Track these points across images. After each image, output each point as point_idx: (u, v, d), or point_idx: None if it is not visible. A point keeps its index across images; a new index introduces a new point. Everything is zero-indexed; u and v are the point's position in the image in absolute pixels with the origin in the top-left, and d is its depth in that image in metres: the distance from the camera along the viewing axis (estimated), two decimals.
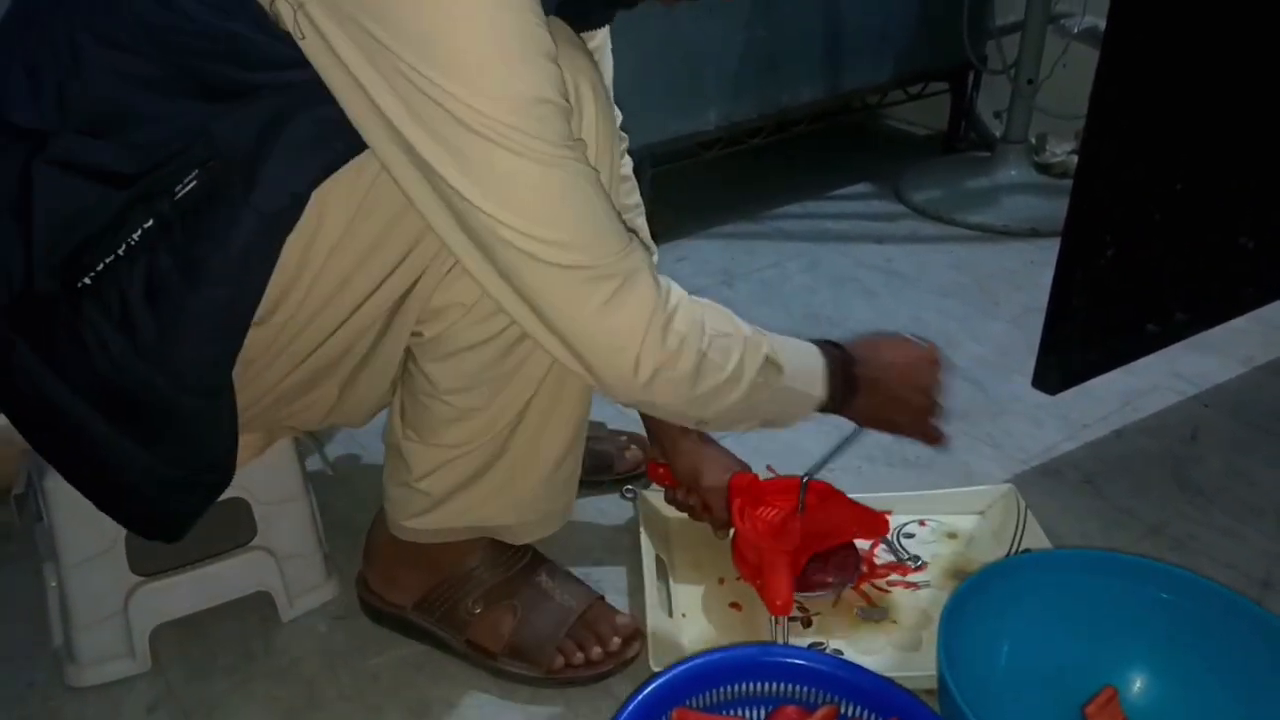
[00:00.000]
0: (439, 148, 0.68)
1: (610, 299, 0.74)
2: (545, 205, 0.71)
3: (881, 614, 1.02)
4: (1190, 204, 1.18)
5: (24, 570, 1.08)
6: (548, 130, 0.69)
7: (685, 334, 0.78)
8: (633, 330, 0.75)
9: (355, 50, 0.67)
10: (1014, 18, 2.04)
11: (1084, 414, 1.36)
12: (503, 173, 0.69)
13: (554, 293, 0.74)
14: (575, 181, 0.72)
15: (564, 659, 0.96)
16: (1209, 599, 0.86)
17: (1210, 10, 1.09)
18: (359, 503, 1.15)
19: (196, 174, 0.72)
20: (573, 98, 0.77)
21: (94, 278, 0.73)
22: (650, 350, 0.76)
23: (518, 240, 0.71)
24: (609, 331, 0.75)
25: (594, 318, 0.74)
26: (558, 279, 0.73)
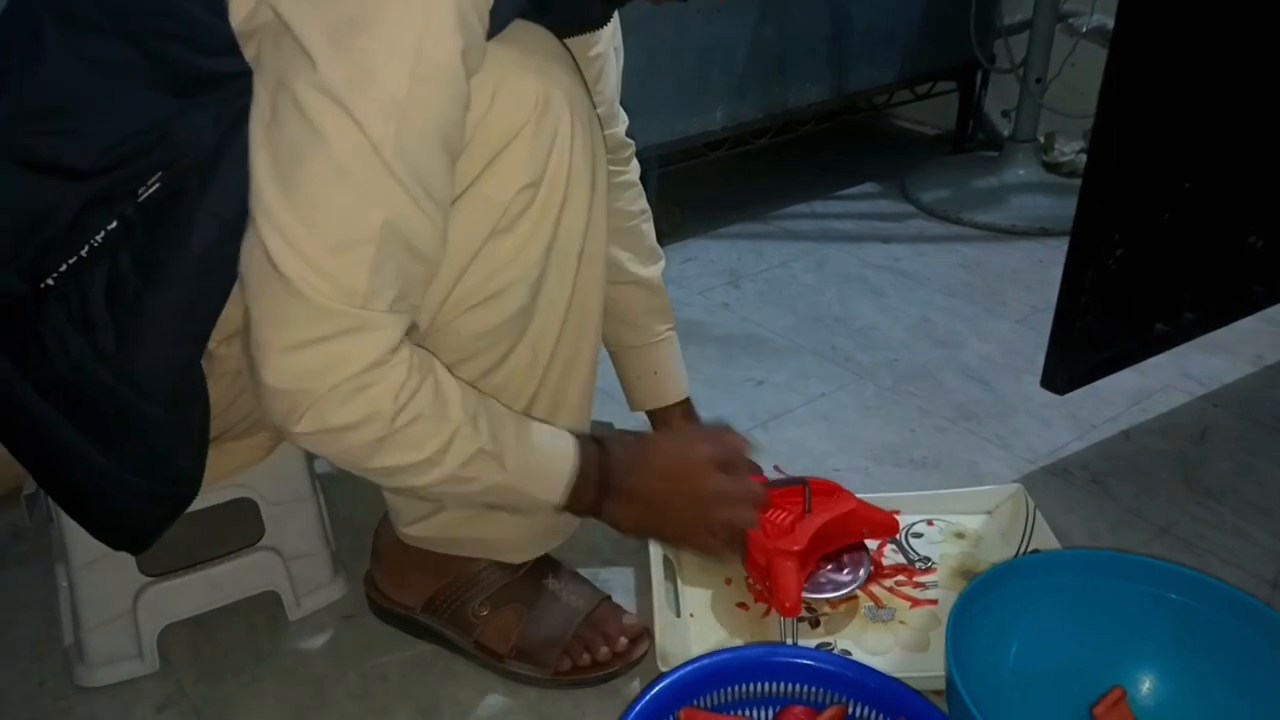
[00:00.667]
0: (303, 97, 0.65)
1: (314, 341, 0.68)
2: (338, 214, 0.66)
3: (889, 614, 1.02)
4: (1199, 203, 1.18)
5: (35, 570, 1.09)
6: (412, 160, 0.66)
7: (370, 412, 0.71)
8: (314, 380, 0.69)
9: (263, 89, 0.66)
10: (1022, 16, 2.04)
11: (1093, 414, 1.36)
12: (321, 171, 0.65)
13: (277, 302, 0.68)
14: (389, 226, 0.67)
15: (571, 660, 0.96)
16: (1218, 599, 0.86)
17: (1219, 8, 1.08)
18: (366, 502, 1.15)
19: (160, 176, 0.71)
20: (539, 108, 0.76)
21: (57, 279, 0.73)
22: (320, 408, 0.69)
23: (276, 242, 0.66)
24: (290, 369, 0.68)
25: (286, 348, 0.68)
26: (289, 297, 0.67)
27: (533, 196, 0.79)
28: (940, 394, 1.42)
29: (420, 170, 0.67)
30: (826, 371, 1.47)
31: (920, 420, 1.36)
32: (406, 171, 0.67)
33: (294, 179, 0.65)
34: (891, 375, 1.46)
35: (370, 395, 0.70)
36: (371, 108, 0.64)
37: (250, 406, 0.84)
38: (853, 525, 1.03)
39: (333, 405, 0.70)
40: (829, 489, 1.01)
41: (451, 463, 0.75)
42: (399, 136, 0.65)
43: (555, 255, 0.82)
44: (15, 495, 1.12)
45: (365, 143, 0.65)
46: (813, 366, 1.49)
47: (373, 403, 0.70)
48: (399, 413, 0.71)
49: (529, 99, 0.76)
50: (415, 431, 0.73)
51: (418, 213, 0.69)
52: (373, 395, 0.70)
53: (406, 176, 0.67)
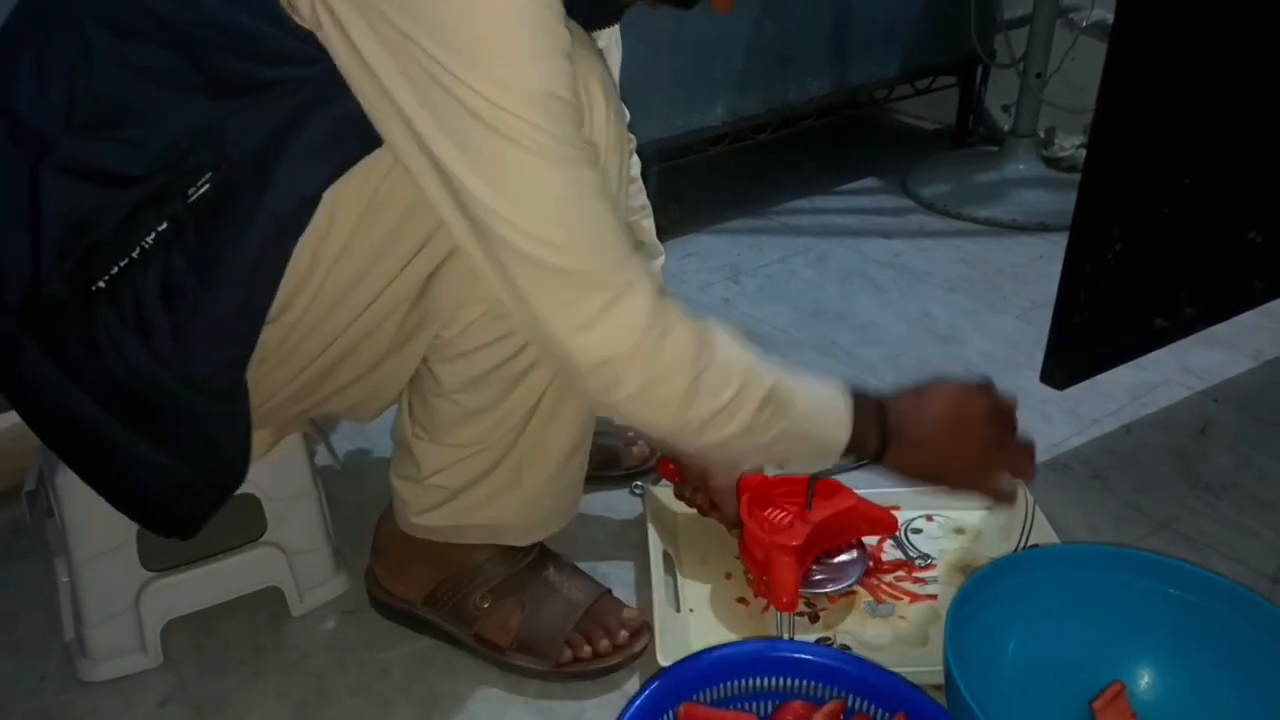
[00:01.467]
0: (447, 138, 0.68)
1: (601, 310, 0.72)
2: (547, 203, 0.70)
3: (889, 609, 1.02)
4: (1199, 198, 1.18)
5: (36, 565, 1.09)
6: (558, 127, 0.69)
7: (677, 355, 0.75)
8: (619, 344, 0.73)
9: (372, 38, 0.67)
10: (1022, 11, 2.03)
11: (1093, 409, 1.36)
12: (509, 166, 0.69)
13: (544, 295, 0.72)
14: (580, 183, 0.71)
15: (572, 653, 0.97)
16: (1217, 594, 0.86)
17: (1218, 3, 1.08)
18: (368, 497, 1.15)
19: (209, 176, 0.72)
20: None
21: (108, 281, 0.73)
22: (635, 367, 0.74)
23: (515, 237, 0.70)
24: (595, 343, 0.73)
25: (581, 327, 0.72)
26: (549, 282, 0.72)
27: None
28: None
29: (575, 130, 0.71)
30: (827, 367, 1.47)
31: None
32: (572, 142, 0.70)
33: (503, 180, 0.69)
34: (892, 371, 1.47)
35: (669, 341, 0.74)
36: (527, 98, 0.67)
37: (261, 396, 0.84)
38: (852, 522, 1.03)
39: (641, 361, 0.74)
40: (830, 486, 1.02)
41: (749, 407, 0.78)
42: (556, 115, 0.68)
43: None
44: (16, 491, 1.12)
45: (541, 134, 0.68)
46: (813, 362, 1.49)
47: (673, 346, 0.75)
48: (698, 356, 0.76)
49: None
50: (716, 375, 0.77)
51: (592, 165, 0.72)
52: (671, 341, 0.75)
53: (574, 145, 0.70)
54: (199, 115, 0.71)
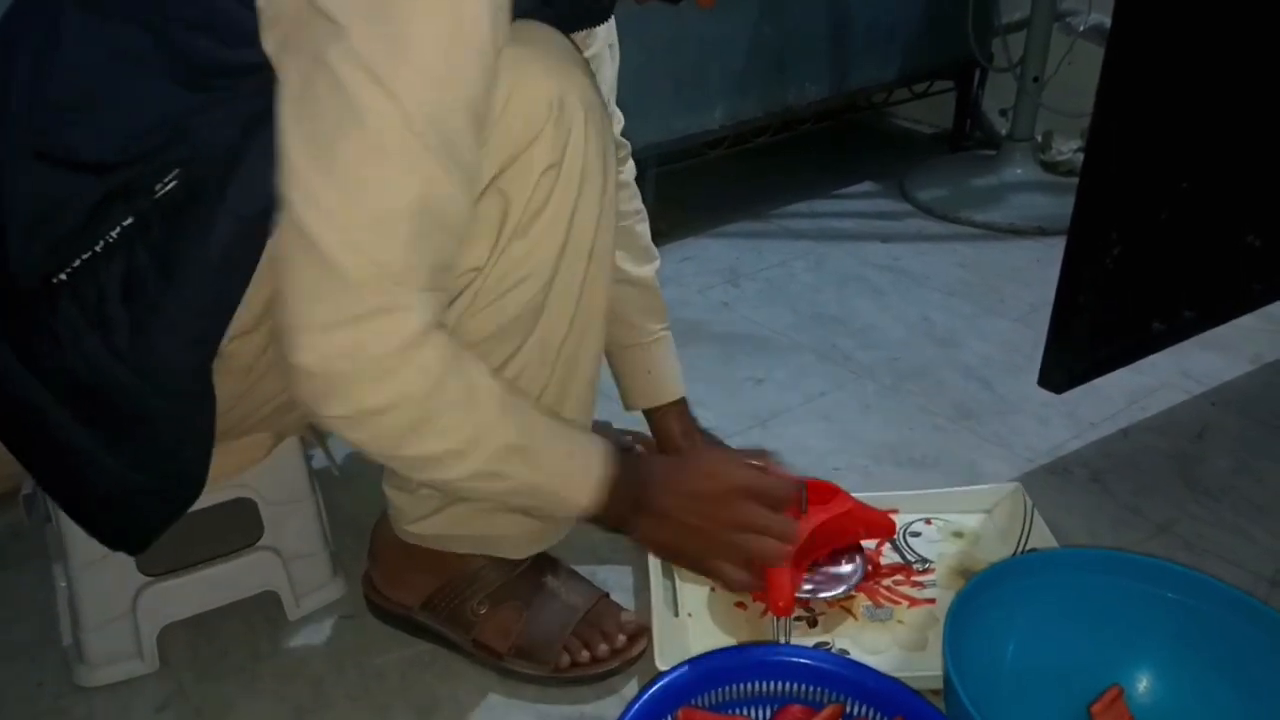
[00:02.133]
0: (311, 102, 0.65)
1: (354, 318, 0.67)
2: (373, 193, 0.66)
3: (887, 614, 1.02)
4: (1197, 202, 1.18)
5: (33, 570, 1.09)
6: (449, 136, 0.66)
7: (411, 389, 0.70)
8: (352, 358, 0.68)
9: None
10: (1019, 15, 2.04)
11: (1091, 412, 1.36)
12: (358, 146, 0.65)
13: (308, 278, 0.67)
14: (425, 201, 0.67)
15: (570, 657, 0.96)
16: (1216, 598, 0.86)
17: (1216, 7, 1.08)
18: (365, 501, 1.15)
19: (177, 173, 0.71)
20: (554, 110, 0.76)
21: (70, 273, 0.72)
22: (360, 388, 0.69)
23: (311, 215, 0.66)
24: (328, 347, 0.68)
25: (323, 325, 0.67)
26: (317, 271, 0.67)
27: (548, 197, 0.79)
28: (939, 393, 1.42)
29: (453, 143, 0.67)
30: (826, 370, 1.48)
31: (919, 419, 1.36)
32: (440, 145, 0.66)
33: (330, 153, 0.65)
34: (891, 374, 1.47)
35: (403, 377, 0.69)
36: (407, 80, 0.64)
37: (254, 405, 0.84)
38: (850, 527, 1.03)
39: (365, 386, 0.69)
40: (827, 490, 1.01)
41: (481, 455, 0.74)
42: (434, 109, 0.65)
43: (567, 253, 0.83)
44: (13, 495, 1.12)
45: (400, 116, 0.64)
46: (812, 365, 1.49)
47: (405, 385, 0.70)
48: (429, 397, 0.71)
49: (544, 101, 0.76)
50: (446, 420, 0.72)
51: (451, 186, 0.68)
52: (405, 378, 0.69)
53: (440, 150, 0.66)
54: (169, 104, 0.71)
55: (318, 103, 0.65)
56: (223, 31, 0.69)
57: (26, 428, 0.79)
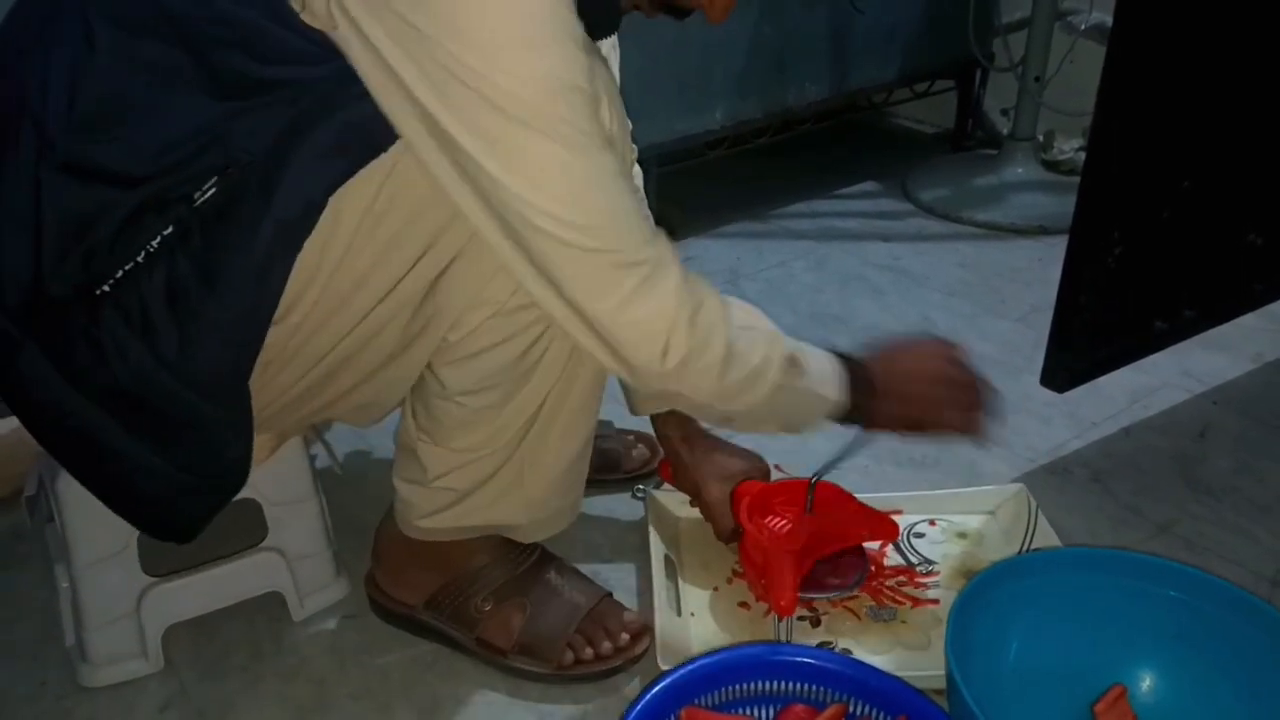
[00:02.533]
0: (470, 132, 0.69)
1: (639, 285, 0.75)
2: (573, 188, 0.72)
3: (891, 613, 1.02)
4: (1198, 201, 1.18)
5: (36, 570, 1.09)
6: (578, 116, 0.70)
7: (713, 323, 0.79)
8: (662, 316, 0.76)
9: (388, 37, 0.67)
10: (1021, 14, 2.04)
11: (1093, 412, 1.36)
12: (533, 155, 0.70)
13: (582, 278, 0.74)
14: (602, 168, 0.73)
15: (573, 655, 0.97)
16: (1218, 597, 0.86)
17: (1217, 6, 1.09)
18: (368, 501, 1.15)
19: (215, 180, 0.72)
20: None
21: (113, 285, 0.73)
22: (679, 337, 0.77)
23: (547, 224, 0.72)
24: (639, 317, 0.76)
25: (623, 304, 0.75)
26: (586, 264, 0.74)
27: None
28: None
29: (591, 119, 0.72)
30: None
31: None
32: (596, 133, 0.72)
33: (532, 174, 0.70)
34: None
35: (701, 314, 0.78)
36: (546, 94, 0.69)
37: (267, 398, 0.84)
38: (853, 528, 1.03)
39: (682, 331, 0.77)
40: (830, 491, 1.02)
41: (774, 368, 0.83)
42: (575, 107, 0.70)
43: None
44: (17, 497, 1.12)
45: (566, 126, 0.70)
46: None
47: (708, 318, 0.78)
48: (730, 321, 0.80)
49: None
50: (745, 340, 0.82)
51: (613, 154, 0.74)
52: (705, 313, 0.78)
53: (598, 139, 0.72)
54: (201, 116, 0.71)
55: (481, 126, 0.69)
56: (256, 50, 0.70)
57: (69, 435, 0.79)
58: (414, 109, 0.69)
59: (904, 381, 0.94)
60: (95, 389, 0.75)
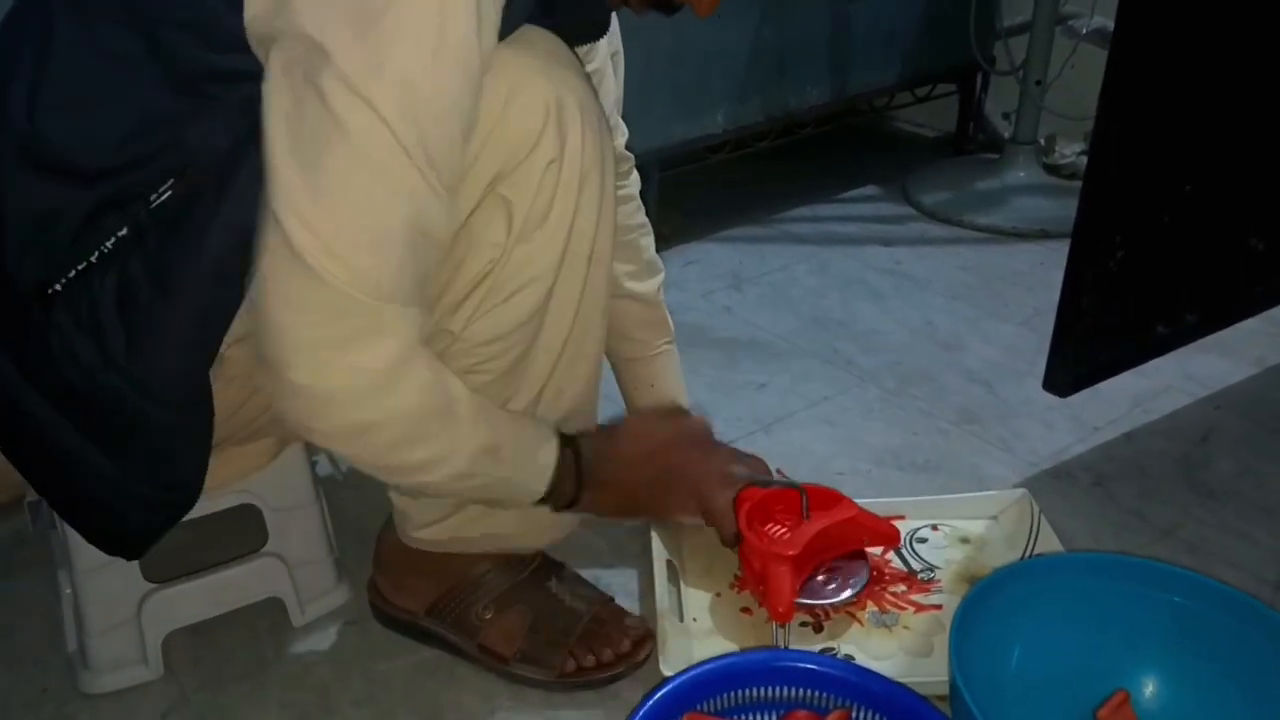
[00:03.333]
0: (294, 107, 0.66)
1: (348, 339, 0.69)
2: (357, 216, 0.67)
3: (893, 619, 1.02)
4: (1200, 205, 1.18)
5: (38, 576, 1.09)
6: (418, 149, 0.66)
7: (401, 408, 0.72)
8: (349, 378, 0.70)
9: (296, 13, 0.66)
10: (1022, 19, 2.04)
11: (1095, 416, 1.36)
12: (336, 161, 0.66)
13: (299, 302, 0.68)
14: (408, 214, 0.68)
15: (575, 662, 0.96)
16: (1221, 601, 0.86)
17: (1219, 11, 1.09)
18: (369, 507, 1.15)
19: (171, 183, 0.72)
20: (552, 113, 0.76)
21: (65, 284, 0.73)
22: (353, 407, 0.71)
23: (301, 234, 0.66)
24: (325, 369, 0.69)
25: (320, 346, 0.69)
26: (311, 291, 0.67)
27: (550, 201, 0.80)
28: (942, 397, 1.42)
29: (437, 155, 0.68)
30: (828, 375, 1.47)
31: (922, 423, 1.36)
32: (424, 159, 0.67)
33: (315, 168, 0.66)
34: (894, 378, 1.46)
35: (395, 394, 0.72)
36: (390, 93, 0.65)
37: (257, 410, 0.84)
38: (852, 533, 1.03)
39: (359, 403, 0.71)
40: (830, 496, 1.01)
41: (460, 459, 0.77)
42: (417, 122, 0.66)
43: (568, 258, 0.83)
44: (19, 502, 1.12)
45: (385, 130, 0.65)
46: (815, 370, 1.49)
47: (397, 401, 0.72)
48: (417, 412, 0.73)
49: (541, 106, 0.76)
50: (431, 429, 0.75)
51: (434, 199, 0.69)
52: (397, 394, 0.72)
53: (424, 164, 0.67)
54: (155, 104, 0.71)
55: (305, 118, 0.66)
56: (210, 34, 0.69)
57: (24, 436, 0.79)
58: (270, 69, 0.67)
59: (619, 468, 0.89)
60: (49, 388, 0.75)
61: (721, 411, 1.39)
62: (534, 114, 0.76)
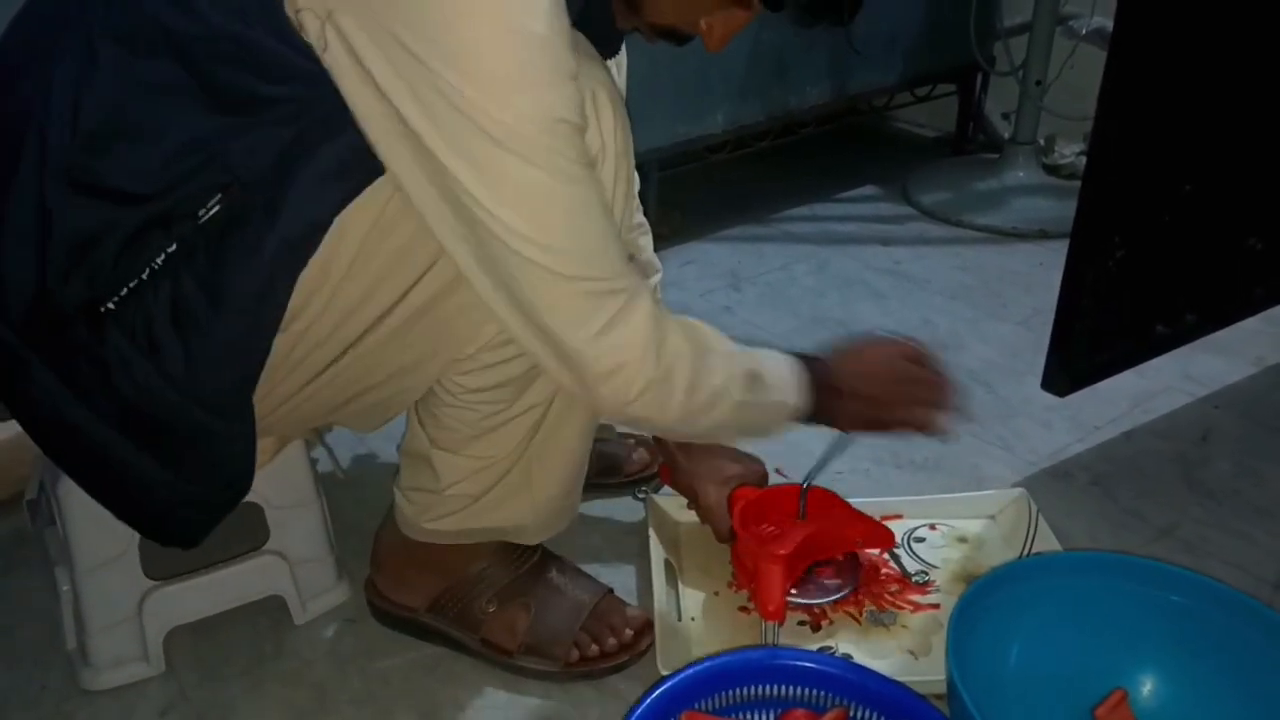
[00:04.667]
0: (458, 156, 0.69)
1: (613, 315, 0.75)
2: (556, 215, 0.72)
3: (891, 618, 1.02)
4: (1199, 205, 1.18)
5: (37, 574, 1.09)
6: (565, 147, 0.71)
7: (678, 353, 0.79)
8: (631, 347, 0.77)
9: (383, 61, 0.67)
10: (1022, 19, 2.04)
11: (1094, 416, 1.36)
12: (518, 181, 0.70)
13: (558, 304, 0.74)
14: (586, 198, 0.73)
15: (579, 652, 0.97)
16: (1219, 601, 0.86)
17: (1217, 11, 1.09)
18: (369, 505, 1.15)
19: (219, 198, 0.72)
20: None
21: (118, 302, 0.73)
22: (646, 368, 0.77)
23: (526, 248, 0.71)
24: (608, 349, 0.76)
25: (595, 333, 0.75)
26: (562, 290, 0.74)
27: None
28: None
29: (577, 147, 0.72)
30: None
31: None
32: (578, 157, 0.72)
33: (516, 197, 0.71)
34: None
35: (670, 342, 0.79)
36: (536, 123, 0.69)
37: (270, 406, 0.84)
38: (847, 534, 1.03)
39: (650, 362, 0.77)
40: (823, 497, 1.02)
41: (736, 388, 0.83)
42: (561, 137, 0.70)
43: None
44: (18, 500, 1.13)
45: (550, 155, 0.70)
46: None
47: (674, 345, 0.79)
48: (689, 351, 0.80)
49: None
50: (705, 364, 0.82)
51: (588, 173, 0.74)
52: (671, 341, 0.79)
53: (581, 161, 0.72)
54: (201, 130, 0.72)
55: (466, 143, 0.69)
56: (259, 67, 0.70)
57: (75, 448, 0.80)
58: (402, 130, 0.69)
59: (864, 381, 0.94)
60: (101, 405, 0.76)
61: None
62: None
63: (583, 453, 0.96)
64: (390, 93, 0.68)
